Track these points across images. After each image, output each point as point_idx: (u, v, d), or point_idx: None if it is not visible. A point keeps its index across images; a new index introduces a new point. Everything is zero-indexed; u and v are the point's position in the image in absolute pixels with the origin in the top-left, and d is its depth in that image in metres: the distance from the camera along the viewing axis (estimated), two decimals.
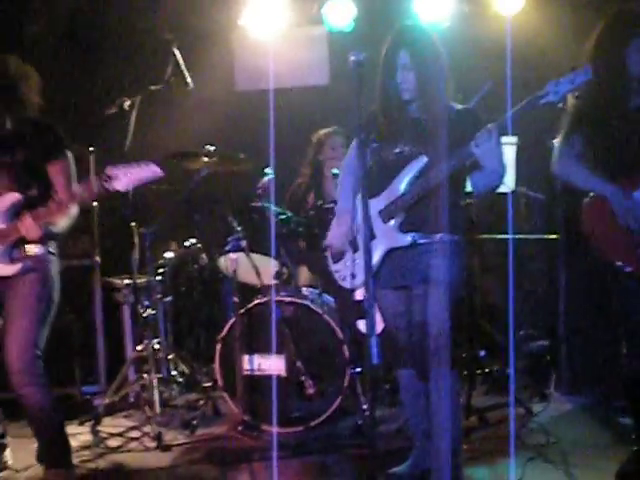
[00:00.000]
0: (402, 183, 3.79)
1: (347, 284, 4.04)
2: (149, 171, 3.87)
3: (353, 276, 3.96)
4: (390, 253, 3.86)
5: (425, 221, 3.77)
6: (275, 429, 4.77)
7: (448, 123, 3.71)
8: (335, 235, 4.09)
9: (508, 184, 5.43)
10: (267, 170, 5.27)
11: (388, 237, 3.85)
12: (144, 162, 3.87)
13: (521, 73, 4.17)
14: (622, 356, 3.96)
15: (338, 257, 4.10)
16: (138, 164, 3.86)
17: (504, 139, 4.63)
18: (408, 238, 3.79)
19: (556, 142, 3.97)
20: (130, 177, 3.83)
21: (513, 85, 3.80)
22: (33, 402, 4.07)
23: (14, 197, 4.05)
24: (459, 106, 3.86)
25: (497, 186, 3.82)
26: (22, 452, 4.55)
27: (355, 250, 3.97)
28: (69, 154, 4.15)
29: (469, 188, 3.96)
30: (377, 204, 3.87)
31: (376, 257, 3.85)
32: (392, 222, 3.84)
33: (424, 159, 3.75)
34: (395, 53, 3.77)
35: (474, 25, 6.47)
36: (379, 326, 4.51)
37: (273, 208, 5.14)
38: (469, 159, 3.64)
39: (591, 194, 3.91)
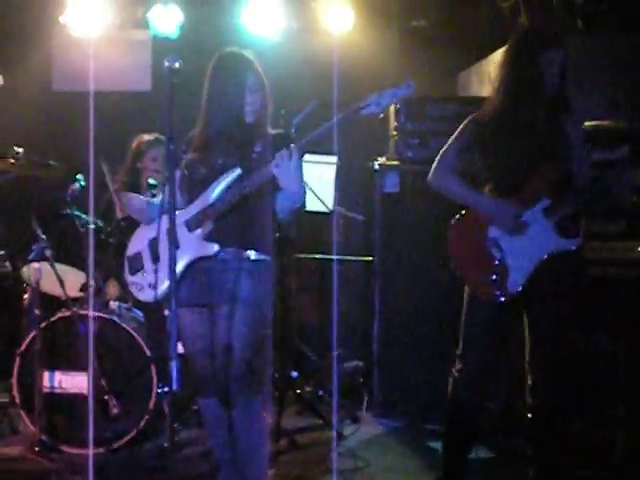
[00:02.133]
0: (214, 192, 3.65)
1: (144, 296, 3.83)
2: None
3: (153, 286, 3.73)
4: (193, 266, 3.68)
5: (234, 235, 3.64)
6: (77, 451, 4.53)
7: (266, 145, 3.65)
8: (132, 242, 3.93)
9: (327, 204, 5.41)
10: (78, 176, 5.01)
11: (193, 246, 3.67)
12: None
13: (347, 92, 4.13)
14: (450, 379, 3.92)
15: (136, 268, 3.89)
16: None
17: (324, 158, 4.63)
18: (215, 247, 3.62)
19: (441, 152, 3.91)
20: None
21: (340, 104, 3.76)
22: None
23: None
24: (274, 131, 3.79)
25: (297, 209, 3.70)
26: None
27: (155, 260, 3.75)
28: None
29: None
30: (185, 214, 3.71)
31: (178, 268, 3.64)
32: (198, 230, 3.67)
33: (237, 171, 3.63)
34: (243, 75, 3.69)
35: (303, 42, 6.45)
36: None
37: (83, 216, 4.90)
38: (266, 177, 3.54)
39: (457, 215, 3.89)
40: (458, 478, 3.94)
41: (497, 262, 3.74)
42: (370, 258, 5.68)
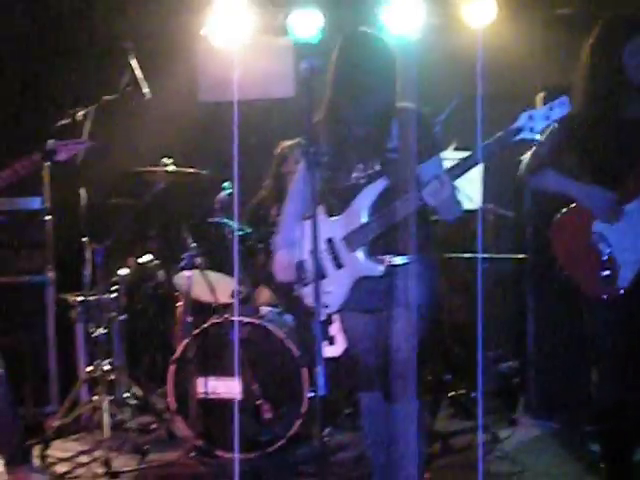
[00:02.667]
0: (363, 206, 3.56)
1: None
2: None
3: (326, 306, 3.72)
4: (359, 281, 3.64)
5: (395, 244, 3.56)
6: (235, 455, 4.55)
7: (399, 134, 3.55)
8: (280, 269, 3.88)
9: (475, 201, 5.28)
10: (225, 184, 5.09)
11: (357, 267, 3.62)
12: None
13: (491, 87, 4.02)
14: (592, 382, 3.78)
15: (305, 281, 3.83)
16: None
17: None
18: (380, 268, 3.56)
19: (526, 156, 3.79)
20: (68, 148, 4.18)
21: (485, 99, 3.65)
22: None
23: None
24: (402, 105, 3.63)
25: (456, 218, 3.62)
26: None
27: (320, 276, 3.70)
28: None
29: None
30: (339, 227, 3.64)
31: (346, 287, 3.64)
32: (359, 252, 3.60)
33: (383, 183, 3.54)
34: (370, 56, 3.56)
35: (445, 38, 6.34)
36: (339, 349, 4.33)
37: (232, 224, 4.96)
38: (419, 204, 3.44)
39: (561, 211, 3.77)
40: None
41: (605, 257, 3.59)
42: (522, 256, 5.53)
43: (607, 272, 3.59)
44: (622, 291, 3.58)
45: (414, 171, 3.49)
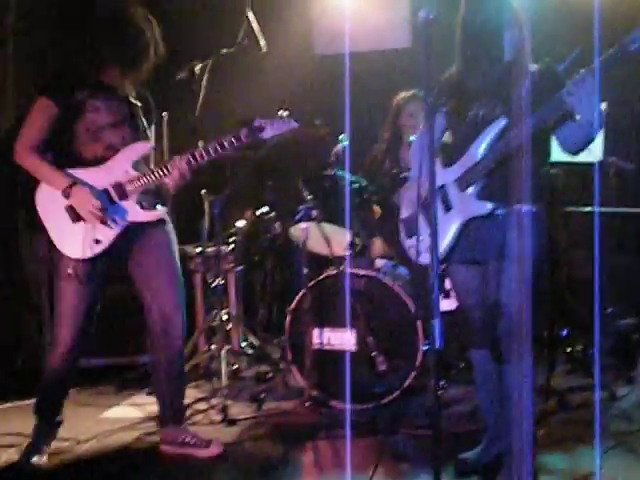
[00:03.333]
0: (480, 148, 3.55)
1: (422, 259, 3.81)
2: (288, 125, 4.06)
3: (427, 250, 3.71)
4: (467, 224, 3.62)
5: (504, 189, 3.51)
6: (347, 405, 4.61)
7: (529, 86, 3.45)
8: (405, 205, 3.90)
9: (596, 153, 5.14)
10: (341, 137, 5.07)
11: (466, 206, 3.61)
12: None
13: (610, 38, 3.88)
14: None
15: (412, 231, 3.88)
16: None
17: None
18: (488, 206, 3.54)
19: None
20: (274, 127, 4.02)
21: (603, 49, 3.53)
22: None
23: (145, 146, 4.08)
24: (536, 66, 3.59)
25: (591, 140, 3.48)
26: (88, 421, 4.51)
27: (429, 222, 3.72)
28: None
29: (555, 157, 3.71)
30: (453, 173, 3.65)
31: (452, 230, 3.64)
32: (470, 189, 3.59)
33: (503, 121, 3.51)
34: (499, 9, 3.52)
35: None
36: (454, 302, 4.31)
37: (347, 176, 4.95)
38: (559, 111, 3.35)
39: None
40: None
41: None
42: None
43: None
44: None
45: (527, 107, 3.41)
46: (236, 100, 6.25)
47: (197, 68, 4.99)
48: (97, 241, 3.91)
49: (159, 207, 4.10)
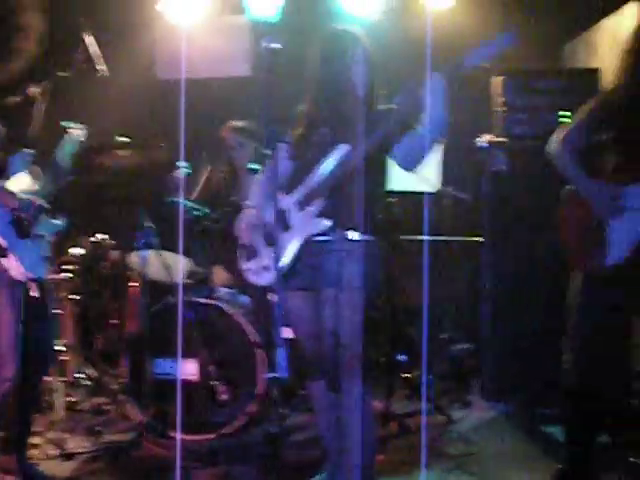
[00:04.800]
0: (321, 171, 3.61)
1: (262, 280, 3.80)
2: None
3: (265, 268, 3.72)
4: (304, 248, 3.64)
5: (342, 215, 3.57)
6: (186, 437, 4.54)
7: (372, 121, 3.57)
8: (244, 230, 3.91)
9: (433, 184, 5.29)
10: (181, 163, 5.02)
11: (304, 224, 3.64)
12: None
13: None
14: (565, 366, 3.79)
15: (251, 256, 3.87)
16: None
17: None
18: (325, 222, 3.58)
19: (569, 127, 3.80)
20: None
21: None
22: None
23: None
24: (383, 107, 3.70)
25: (431, 149, 3.56)
26: None
27: (268, 244, 3.73)
28: None
29: (391, 187, 3.79)
30: (293, 197, 3.69)
31: (291, 250, 3.65)
32: (310, 208, 3.63)
33: (346, 147, 3.57)
34: (351, 47, 3.65)
35: (402, 21, 6.31)
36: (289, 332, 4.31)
37: (188, 204, 4.91)
38: (410, 101, 3.46)
39: (567, 187, 3.82)
40: (584, 469, 3.81)
41: (600, 234, 3.63)
42: (478, 238, 5.55)
43: (597, 249, 3.63)
44: (608, 268, 3.61)
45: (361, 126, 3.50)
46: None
47: (33, 91, 4.84)
48: None
49: None
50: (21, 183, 3.96)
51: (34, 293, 3.79)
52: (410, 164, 3.62)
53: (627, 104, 3.65)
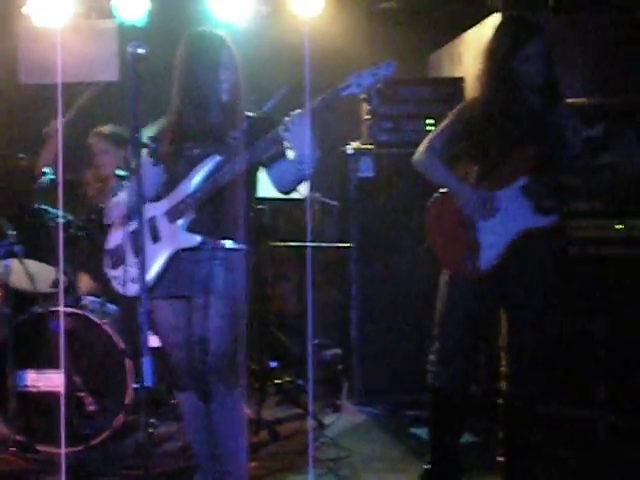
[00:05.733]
0: (191, 182, 3.57)
1: (127, 290, 3.74)
2: None
3: (134, 280, 3.66)
4: (175, 257, 3.61)
5: (213, 225, 3.57)
6: (53, 450, 4.43)
7: (245, 129, 3.58)
8: (110, 235, 3.85)
9: (303, 190, 5.32)
10: (46, 170, 4.90)
11: (175, 238, 3.60)
12: None
13: (318, 78, 4.06)
14: (430, 366, 3.87)
15: (117, 262, 3.80)
16: None
17: None
18: (197, 238, 3.55)
19: (431, 136, 3.88)
20: None
21: (310, 89, 3.67)
22: None
23: None
24: (252, 114, 3.72)
25: (303, 179, 3.62)
26: None
27: (137, 253, 3.68)
28: None
29: (263, 193, 3.81)
30: (162, 205, 3.64)
31: (160, 262, 3.60)
32: (180, 222, 3.59)
33: (217, 158, 3.56)
34: (216, 52, 3.62)
35: (272, 27, 6.34)
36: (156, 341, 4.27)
37: (52, 210, 4.79)
38: (274, 145, 3.48)
39: (435, 194, 3.89)
40: (449, 468, 3.90)
41: (470, 239, 3.73)
42: (347, 244, 5.61)
43: (468, 253, 3.72)
44: (486, 271, 3.70)
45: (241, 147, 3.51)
46: None
47: None
48: None
49: None
50: None
51: None
52: (284, 187, 3.66)
53: (483, 116, 3.77)
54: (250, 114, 3.70)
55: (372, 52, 6.02)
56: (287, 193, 3.71)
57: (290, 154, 3.55)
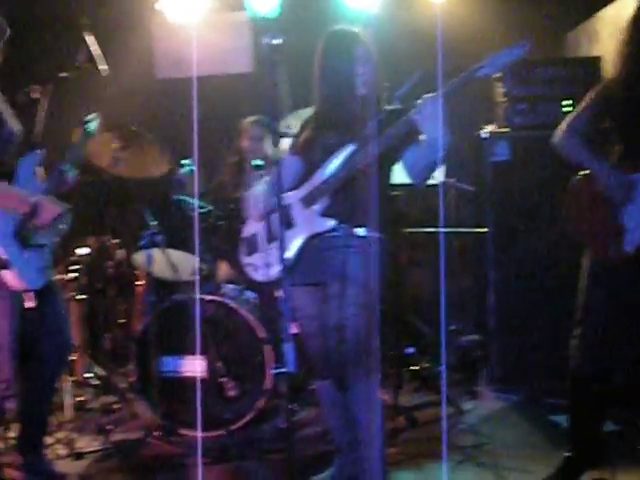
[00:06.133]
0: (327, 169, 3.63)
1: (260, 276, 3.82)
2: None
3: (268, 265, 3.74)
4: (309, 243, 3.65)
5: (347, 212, 3.59)
6: (198, 434, 4.54)
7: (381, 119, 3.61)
8: (247, 224, 3.95)
9: (437, 175, 5.28)
10: (186, 162, 5.03)
11: (309, 223, 3.66)
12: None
13: (451, 62, 4.02)
14: (573, 351, 3.79)
15: (252, 250, 3.89)
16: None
17: None
18: (330, 222, 3.60)
19: (572, 116, 3.77)
20: None
21: (444, 73, 3.64)
22: None
23: None
24: (389, 107, 3.75)
25: (435, 166, 3.60)
26: None
27: (270, 240, 3.76)
28: None
29: (398, 179, 3.80)
30: (298, 193, 3.71)
31: (294, 247, 3.66)
32: (314, 207, 3.65)
33: (352, 147, 3.59)
34: (352, 48, 3.69)
35: (404, 12, 6.31)
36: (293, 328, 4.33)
37: (192, 201, 4.91)
38: (406, 128, 3.47)
39: (578, 175, 3.78)
40: (590, 456, 3.82)
41: (613, 221, 3.63)
42: (483, 229, 5.54)
43: (613, 235, 3.62)
44: (627, 254, 3.61)
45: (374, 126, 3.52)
46: (78, 124, 6.09)
47: (35, 92, 4.84)
48: None
49: None
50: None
51: (30, 304, 3.73)
52: (417, 176, 3.65)
53: (626, 95, 3.65)
54: (387, 107, 3.73)
55: (506, 34, 5.89)
56: (421, 183, 3.69)
57: (422, 140, 3.54)
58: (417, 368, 5.47)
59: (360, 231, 3.60)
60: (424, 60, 4.36)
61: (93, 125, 4.24)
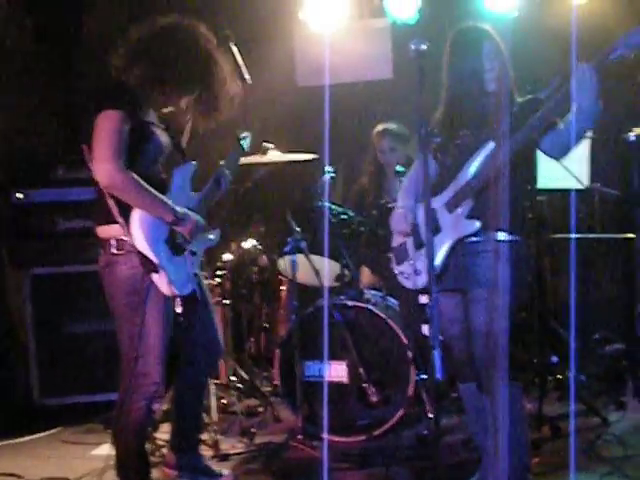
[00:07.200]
0: (469, 170, 3.62)
1: (411, 283, 3.83)
2: None
3: (417, 272, 3.74)
4: (455, 248, 3.65)
5: (489, 216, 3.55)
6: (337, 438, 4.62)
7: (515, 112, 3.58)
8: (394, 234, 3.95)
9: (582, 181, 5.17)
10: (327, 168, 5.09)
11: (455, 227, 3.65)
12: None
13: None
14: None
15: (402, 258, 3.90)
16: None
17: None
18: (477, 224, 3.59)
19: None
20: None
21: None
22: None
23: (191, 165, 4.09)
24: (523, 99, 3.70)
25: (584, 130, 3.53)
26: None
27: (418, 247, 3.76)
28: None
29: (540, 185, 3.75)
30: (442, 198, 3.70)
31: (441, 253, 3.66)
32: (459, 210, 3.64)
33: (491, 145, 3.57)
34: (479, 44, 3.67)
35: (543, 14, 6.21)
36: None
37: (334, 208, 4.96)
38: (562, 104, 3.43)
39: None
40: None
41: None
42: (630, 235, 5.39)
43: None
44: None
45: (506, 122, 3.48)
46: (219, 133, 6.24)
47: (183, 102, 4.98)
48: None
49: None
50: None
51: (178, 309, 3.81)
52: (556, 153, 3.60)
53: None
54: (521, 99, 3.68)
55: None
56: (560, 158, 3.62)
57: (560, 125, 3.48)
58: (561, 377, 5.35)
59: (502, 235, 3.56)
60: (564, 62, 4.31)
61: (247, 142, 4.34)
